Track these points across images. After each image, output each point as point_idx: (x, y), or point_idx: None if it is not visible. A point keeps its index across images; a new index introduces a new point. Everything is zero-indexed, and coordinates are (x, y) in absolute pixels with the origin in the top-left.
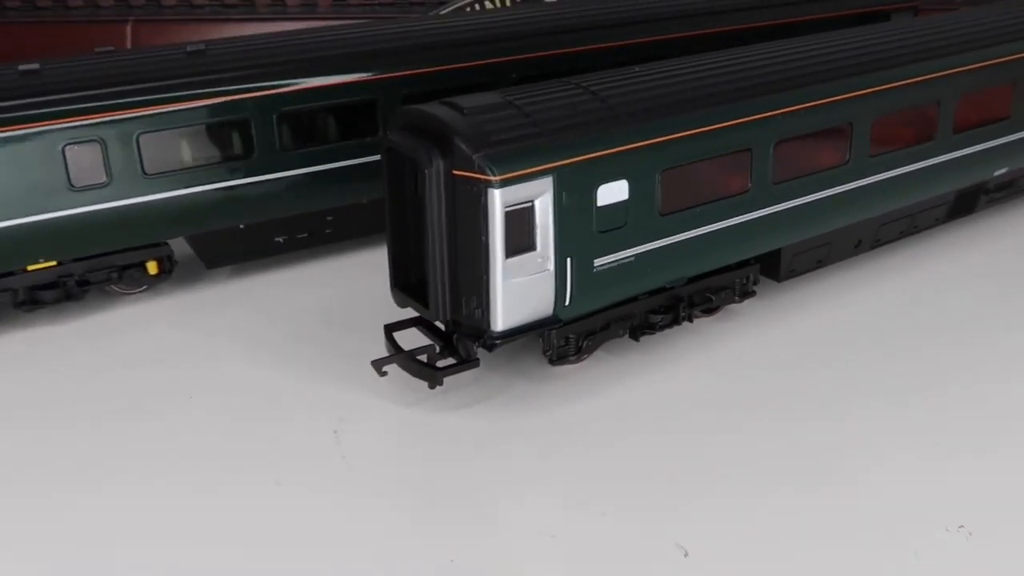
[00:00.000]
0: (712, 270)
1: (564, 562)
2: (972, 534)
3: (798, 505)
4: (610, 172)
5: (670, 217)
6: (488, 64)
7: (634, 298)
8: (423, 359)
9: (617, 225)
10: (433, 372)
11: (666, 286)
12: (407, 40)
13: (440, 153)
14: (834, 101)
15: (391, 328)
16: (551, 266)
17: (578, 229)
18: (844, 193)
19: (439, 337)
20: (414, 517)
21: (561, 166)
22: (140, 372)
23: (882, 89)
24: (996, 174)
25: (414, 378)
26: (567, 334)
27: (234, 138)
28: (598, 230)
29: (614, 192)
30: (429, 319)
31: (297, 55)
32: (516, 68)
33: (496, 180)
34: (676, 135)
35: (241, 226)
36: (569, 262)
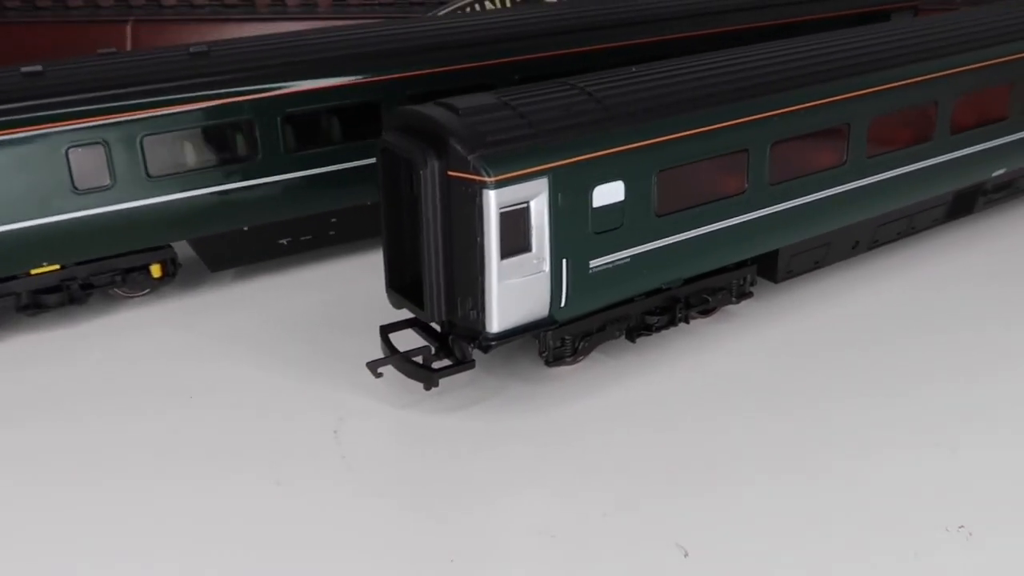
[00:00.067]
0: (709, 271)
1: (564, 562)
2: (972, 534)
3: (798, 505)
4: (606, 173)
5: (666, 218)
6: (491, 65)
7: (630, 299)
8: (419, 360)
9: (613, 226)
10: (429, 373)
11: (662, 287)
12: (410, 41)
13: (435, 154)
14: (831, 102)
15: (387, 329)
16: (547, 267)
17: (574, 230)
18: (841, 194)
19: (435, 338)
20: (414, 517)
21: (557, 167)
22: (141, 373)
23: (879, 90)
24: (994, 175)
25: (410, 379)
26: (563, 335)
27: (238, 140)
28: (594, 231)
29: (610, 193)
30: (425, 320)
31: (300, 56)
32: (519, 69)
33: (491, 181)
34: (672, 136)
35: (245, 228)
36: (565, 263)
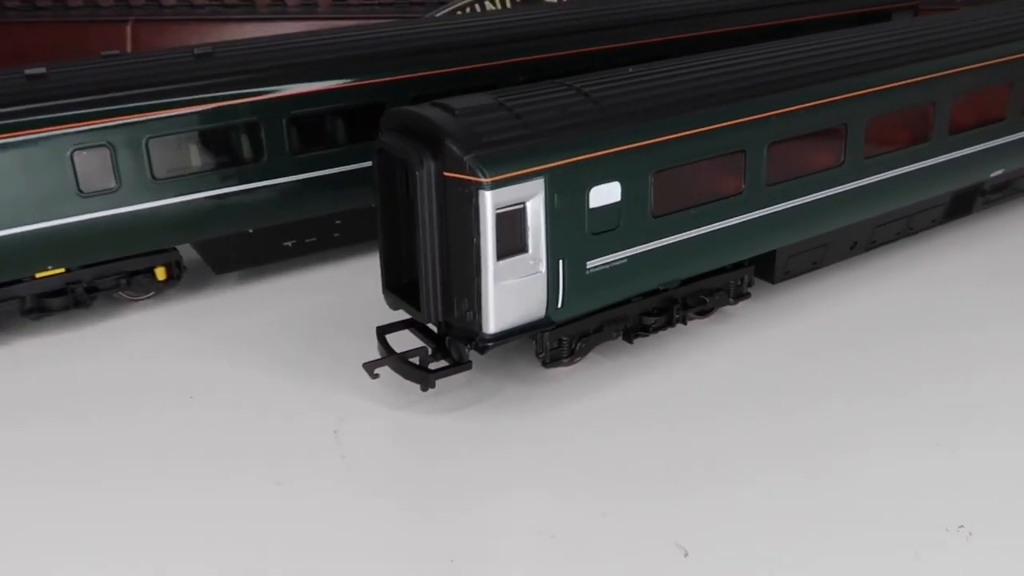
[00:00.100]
0: (706, 272)
1: (564, 562)
2: (972, 534)
3: (798, 505)
4: (602, 174)
5: (663, 219)
6: (496, 66)
7: (627, 300)
8: (415, 361)
9: (610, 227)
10: (425, 374)
11: (660, 288)
12: (415, 43)
13: (431, 155)
14: (828, 102)
15: (383, 330)
16: (543, 268)
17: (570, 231)
18: (839, 194)
19: (431, 339)
20: (414, 517)
21: (553, 168)
22: (143, 374)
23: (877, 90)
24: (992, 175)
25: (406, 380)
26: (560, 336)
27: (243, 142)
28: (591, 232)
29: (606, 194)
30: (421, 321)
31: (305, 58)
32: (523, 70)
33: (487, 182)
34: (669, 136)
35: (250, 231)
36: (561, 264)
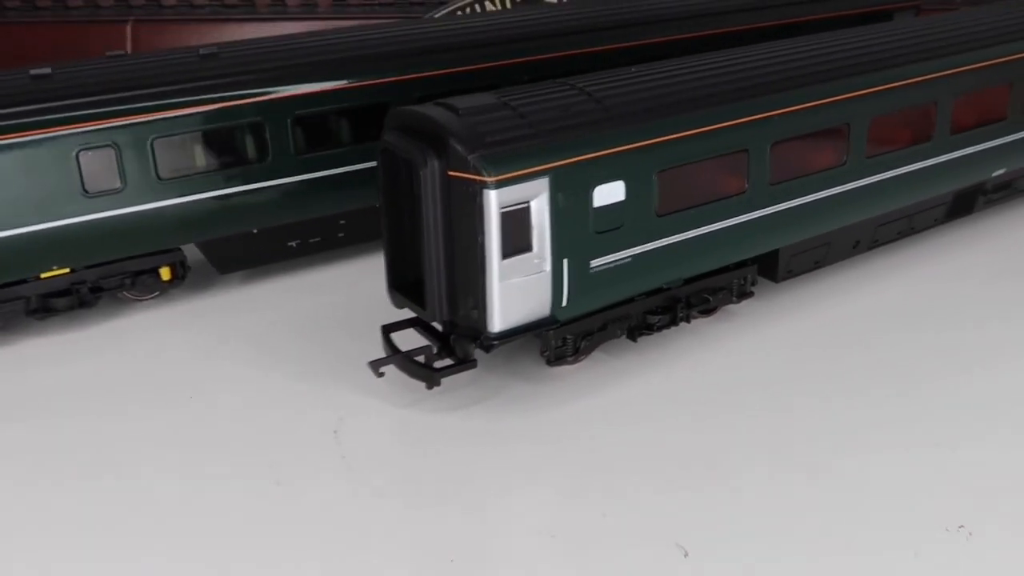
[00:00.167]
0: (710, 271)
1: (564, 562)
2: (972, 534)
3: (798, 505)
4: (606, 173)
5: (667, 218)
6: (501, 66)
7: (631, 299)
8: (420, 360)
9: (614, 226)
10: (430, 373)
11: (663, 287)
12: (420, 43)
13: (435, 154)
14: (830, 102)
15: (388, 329)
16: (548, 267)
17: (574, 230)
18: (842, 194)
19: (436, 338)
20: (414, 517)
21: (557, 167)
22: (145, 373)
23: (879, 90)
24: (994, 175)
25: (412, 379)
26: (564, 335)
27: (248, 142)
28: (595, 231)
29: (610, 193)
30: (426, 320)
31: (310, 58)
32: (529, 70)
33: (492, 181)
34: (672, 136)
35: (254, 231)
36: (566, 263)
